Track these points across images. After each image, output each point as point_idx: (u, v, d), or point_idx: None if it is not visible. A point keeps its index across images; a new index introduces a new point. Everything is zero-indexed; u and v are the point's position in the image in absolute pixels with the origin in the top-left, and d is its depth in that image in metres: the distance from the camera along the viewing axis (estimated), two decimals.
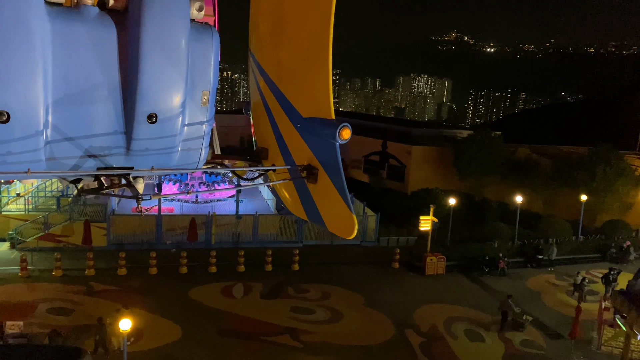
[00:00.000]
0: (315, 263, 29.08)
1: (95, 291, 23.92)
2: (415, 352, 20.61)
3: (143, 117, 5.25)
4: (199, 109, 5.73)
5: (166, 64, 5.17)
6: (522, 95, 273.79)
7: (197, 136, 5.89)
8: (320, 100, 5.47)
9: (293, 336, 21.15)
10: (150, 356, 18.96)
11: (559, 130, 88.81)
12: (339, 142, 5.23)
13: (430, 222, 29.32)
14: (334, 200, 6.02)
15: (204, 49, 5.57)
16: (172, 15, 5.15)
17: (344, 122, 5.10)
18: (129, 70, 5.06)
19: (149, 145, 5.44)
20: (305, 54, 5.73)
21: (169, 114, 5.41)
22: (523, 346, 21.68)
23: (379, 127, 53.87)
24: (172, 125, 5.49)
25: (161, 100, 5.27)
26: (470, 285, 27.74)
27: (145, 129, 5.32)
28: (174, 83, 5.29)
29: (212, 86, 5.79)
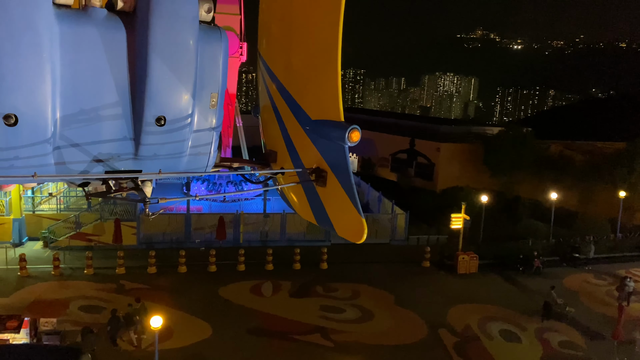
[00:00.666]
0: (343, 262, 28.70)
1: (126, 289, 24.02)
2: (449, 352, 20.03)
3: (151, 119, 5.17)
4: (208, 112, 5.64)
5: (175, 65, 5.09)
6: (551, 93, 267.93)
7: (205, 139, 5.80)
8: (330, 102, 5.31)
9: (324, 335, 20.82)
10: (181, 354, 18.87)
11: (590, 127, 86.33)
12: (348, 144, 5.08)
13: (462, 219, 28.62)
14: (343, 203, 5.83)
15: (212, 51, 5.49)
16: (181, 17, 5.05)
17: (353, 125, 4.94)
18: (138, 73, 4.98)
19: (157, 149, 5.35)
20: (315, 56, 5.59)
21: (178, 116, 5.31)
22: (562, 347, 20.88)
23: (406, 125, 53.25)
24: (180, 128, 5.39)
25: (170, 103, 5.19)
26: (504, 285, 26.95)
27: (154, 132, 5.22)
28: (183, 85, 5.21)
29: (221, 89, 5.70)
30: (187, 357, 18.73)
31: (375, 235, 32.17)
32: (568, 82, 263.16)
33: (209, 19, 5.49)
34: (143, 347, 19.07)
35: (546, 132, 61.32)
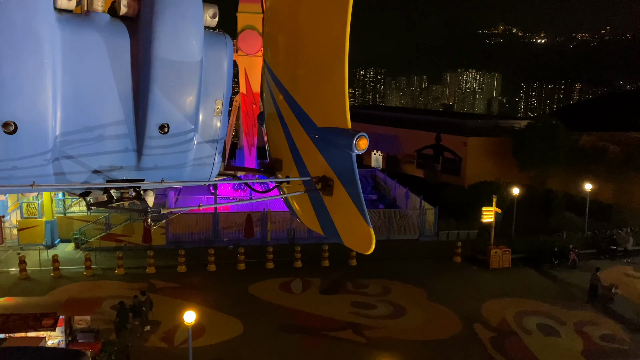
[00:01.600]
0: (372, 258, 28.09)
1: (157, 288, 24.13)
2: (486, 347, 19.52)
3: (155, 127, 5.01)
4: (213, 119, 5.48)
5: (179, 72, 4.94)
6: (577, 86, 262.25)
7: (209, 147, 5.66)
8: (336, 109, 5.11)
9: (356, 331, 20.52)
10: (215, 351, 18.81)
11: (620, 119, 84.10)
12: (355, 152, 4.88)
13: (494, 213, 27.98)
14: (351, 213, 5.59)
15: (217, 57, 5.33)
16: (185, 22, 4.89)
17: (361, 132, 4.74)
18: (141, 79, 4.84)
19: (160, 159, 5.21)
20: (321, 64, 5.40)
21: (182, 124, 5.15)
22: (603, 341, 20.16)
23: (431, 121, 52.59)
24: (184, 136, 5.23)
25: (173, 110, 5.03)
26: (539, 278, 26.24)
27: (157, 142, 5.07)
28: (187, 92, 5.06)
29: (225, 95, 5.53)
30: (220, 353, 18.66)
31: (404, 231, 31.76)
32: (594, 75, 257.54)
33: (214, 24, 5.36)
34: (175, 345, 19.07)
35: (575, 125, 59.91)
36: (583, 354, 19.23)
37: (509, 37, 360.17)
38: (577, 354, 19.19)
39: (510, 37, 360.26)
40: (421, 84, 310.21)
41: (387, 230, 31.48)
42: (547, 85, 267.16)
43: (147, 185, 5.43)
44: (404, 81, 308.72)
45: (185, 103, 5.11)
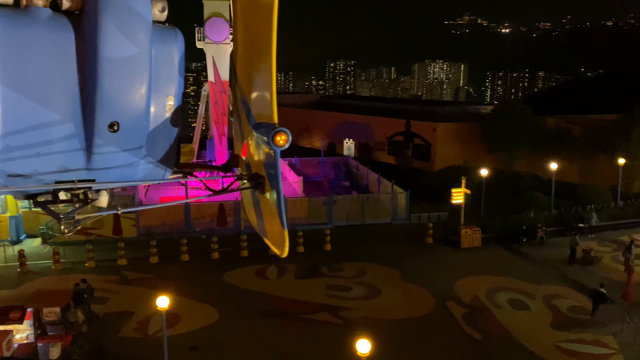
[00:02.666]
0: (347, 243, 28.51)
1: (130, 280, 23.75)
2: (459, 323, 19.92)
3: (104, 126, 4.80)
4: (165, 116, 5.30)
5: (126, 68, 4.75)
6: (541, 74, 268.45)
7: (162, 144, 5.46)
8: (266, 103, 5.00)
9: (332, 313, 20.65)
10: (190, 338, 18.65)
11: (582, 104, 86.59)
12: (274, 147, 4.58)
13: (463, 194, 28.47)
14: (274, 212, 5.57)
15: (167, 52, 5.16)
16: (132, 17, 4.68)
17: (280, 127, 4.49)
18: (88, 76, 4.62)
19: (110, 158, 5.02)
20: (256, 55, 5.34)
21: (132, 121, 4.94)
22: (571, 312, 20.83)
23: (401, 109, 53.05)
24: (135, 133, 5.03)
25: (122, 107, 4.83)
26: (508, 256, 26.88)
27: (107, 140, 4.86)
28: (136, 88, 4.87)
29: (177, 91, 5.35)
30: (196, 340, 18.51)
31: (378, 215, 32.04)
32: (557, 63, 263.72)
33: (163, 18, 5.20)
34: (150, 334, 18.83)
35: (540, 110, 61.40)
36: (552, 325, 19.81)
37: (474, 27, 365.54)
38: (546, 326, 19.76)
39: (475, 27, 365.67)
40: (390, 76, 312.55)
41: (360, 215, 31.70)
42: (512, 74, 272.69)
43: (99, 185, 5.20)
44: (374, 73, 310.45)
45: (135, 100, 4.91)
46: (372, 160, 45.95)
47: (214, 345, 18.26)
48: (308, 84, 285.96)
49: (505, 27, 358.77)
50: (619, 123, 35.90)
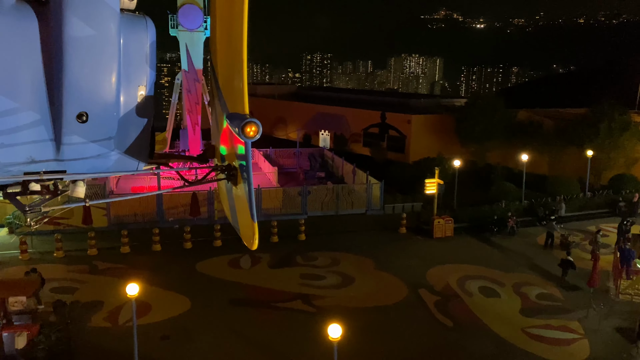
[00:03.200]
0: (321, 233, 28.56)
1: (100, 269, 23.35)
2: (431, 310, 20.19)
3: (72, 116, 4.70)
4: (136, 106, 5.22)
5: (94, 57, 4.65)
6: (514, 70, 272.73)
7: (134, 135, 5.36)
8: (238, 93, 4.95)
9: (305, 301, 20.69)
10: (161, 327, 18.46)
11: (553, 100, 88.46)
12: (244, 138, 4.58)
13: (436, 184, 28.75)
14: (244, 203, 5.55)
15: (137, 41, 5.06)
16: (99, 4, 4.57)
17: (250, 118, 4.47)
18: (54, 66, 4.51)
19: (81, 149, 4.93)
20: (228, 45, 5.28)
21: (101, 112, 4.85)
22: (540, 299, 21.30)
23: (376, 101, 53.24)
24: (105, 124, 4.94)
25: (91, 98, 4.74)
26: (480, 245, 27.32)
27: (76, 130, 4.78)
28: (105, 78, 4.78)
29: (149, 81, 5.29)
30: (167, 330, 18.33)
31: (352, 206, 32.16)
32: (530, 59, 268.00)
33: (133, 6, 5.08)
34: (120, 323, 18.57)
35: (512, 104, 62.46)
36: (521, 312, 20.23)
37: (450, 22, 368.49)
38: (515, 312, 20.17)
39: (451, 22, 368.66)
40: (367, 69, 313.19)
41: (335, 206, 31.78)
42: (487, 69, 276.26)
43: (70, 176, 5.12)
44: (350, 66, 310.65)
45: (104, 90, 4.82)
46: (348, 152, 46.05)
47: (185, 334, 18.11)
48: (285, 76, 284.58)
49: (480, 23, 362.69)
50: (588, 116, 36.72)
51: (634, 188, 33.62)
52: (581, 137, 35.43)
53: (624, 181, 34.24)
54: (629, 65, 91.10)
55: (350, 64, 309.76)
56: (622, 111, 36.14)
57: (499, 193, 32.27)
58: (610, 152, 35.38)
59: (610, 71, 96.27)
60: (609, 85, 79.15)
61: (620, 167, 35.88)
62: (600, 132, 34.80)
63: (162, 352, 16.94)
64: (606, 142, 34.94)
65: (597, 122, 35.31)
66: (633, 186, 33.89)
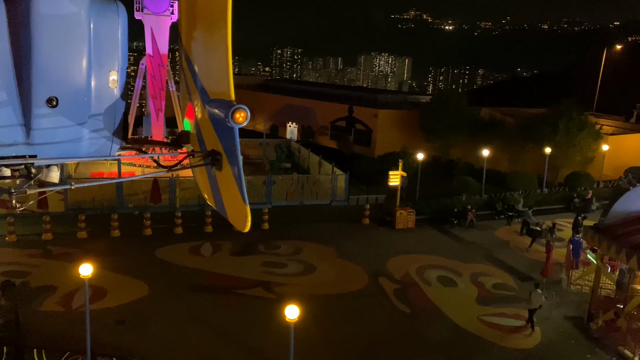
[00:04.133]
0: (285, 222, 28.51)
1: (54, 254, 22.67)
2: (389, 297, 20.44)
3: (41, 101, 4.63)
4: (107, 91, 5.19)
5: (64, 41, 4.60)
6: (480, 72, 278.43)
7: (106, 120, 5.31)
8: (222, 79, 4.96)
9: (266, 288, 20.61)
10: (117, 312, 18.06)
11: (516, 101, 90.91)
12: (232, 124, 4.64)
13: (400, 177, 29.10)
14: (234, 189, 5.57)
15: (108, 26, 5.01)
16: None
17: (239, 104, 4.52)
18: (22, 49, 4.42)
19: (51, 134, 4.86)
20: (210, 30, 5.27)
21: (72, 97, 4.81)
22: (495, 289, 21.82)
23: (345, 95, 53.40)
24: (75, 109, 4.89)
25: (61, 82, 4.69)
26: (440, 237, 27.80)
27: (46, 115, 4.72)
28: (75, 62, 4.75)
29: (120, 66, 5.25)
30: (123, 315, 17.94)
31: (317, 196, 32.21)
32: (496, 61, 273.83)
33: None
34: (73, 308, 18.09)
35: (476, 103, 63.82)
36: (477, 300, 20.70)
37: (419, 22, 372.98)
38: (472, 301, 20.62)
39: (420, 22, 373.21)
40: (337, 66, 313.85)
41: (300, 196, 31.75)
42: (454, 70, 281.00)
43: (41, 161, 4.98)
44: (320, 62, 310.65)
45: (74, 74, 4.77)
46: (315, 144, 46.11)
47: (142, 319, 17.79)
48: (254, 69, 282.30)
49: (448, 24, 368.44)
50: (548, 115, 37.81)
51: (588, 185, 34.85)
52: (541, 135, 36.45)
53: (579, 178, 35.42)
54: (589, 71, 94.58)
55: (321, 60, 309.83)
56: (580, 111, 37.36)
57: (460, 186, 32.91)
58: (568, 151, 36.54)
59: (571, 76, 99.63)
60: (569, 88, 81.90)
61: (576, 165, 37.11)
62: (559, 130, 35.88)
63: (117, 337, 16.57)
64: (564, 141, 36.06)
65: (556, 120, 36.39)
66: (588, 183, 35.12)
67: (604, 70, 59.85)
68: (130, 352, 15.74)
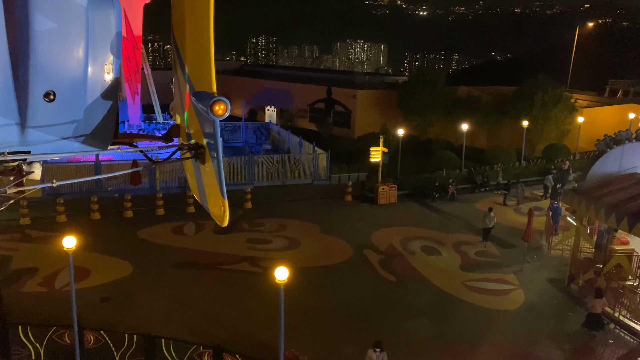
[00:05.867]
0: (268, 201, 28.42)
1: (33, 238, 22.24)
2: (375, 267, 20.62)
3: (39, 95, 4.55)
4: (103, 84, 5.11)
5: (61, 34, 4.54)
6: (455, 57, 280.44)
7: (101, 113, 5.22)
8: (205, 71, 4.95)
9: (251, 263, 20.60)
10: (101, 290, 17.84)
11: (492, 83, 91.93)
12: (212, 117, 4.58)
13: (381, 153, 29.21)
14: (214, 182, 5.58)
15: (104, 18, 4.94)
16: None
17: (219, 96, 4.48)
18: (19, 43, 4.34)
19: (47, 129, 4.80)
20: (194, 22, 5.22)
21: (69, 91, 4.74)
22: (478, 256, 22.18)
23: (323, 77, 53.25)
24: (72, 102, 4.82)
25: (58, 74, 4.63)
26: (422, 210, 28.07)
27: (43, 109, 4.63)
28: (72, 57, 4.69)
29: (116, 59, 5.19)
30: (107, 293, 17.73)
31: (298, 176, 32.16)
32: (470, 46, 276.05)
33: None
34: (57, 288, 17.80)
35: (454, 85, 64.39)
36: (461, 267, 21.03)
37: (393, 8, 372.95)
38: (456, 268, 20.94)
39: (394, 8, 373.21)
40: (312, 54, 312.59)
41: (281, 176, 31.67)
42: (429, 56, 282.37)
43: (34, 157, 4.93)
44: (296, 50, 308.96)
45: (72, 67, 4.69)
46: (294, 127, 45.93)
47: (126, 297, 17.63)
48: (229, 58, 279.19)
49: (422, 10, 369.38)
50: (524, 89, 38.31)
51: (565, 157, 35.53)
52: (517, 110, 36.94)
53: (556, 150, 36.07)
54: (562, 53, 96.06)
55: (296, 48, 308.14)
56: (555, 85, 37.95)
57: (440, 161, 33.25)
58: (544, 124, 37.14)
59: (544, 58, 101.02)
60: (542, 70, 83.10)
61: (552, 139, 37.79)
62: (535, 104, 36.41)
63: (102, 314, 16.36)
64: (540, 114, 36.62)
65: (532, 95, 36.90)
66: (564, 155, 35.80)
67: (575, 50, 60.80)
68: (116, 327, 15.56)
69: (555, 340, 16.08)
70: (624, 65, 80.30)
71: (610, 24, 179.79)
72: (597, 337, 16.25)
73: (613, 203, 17.45)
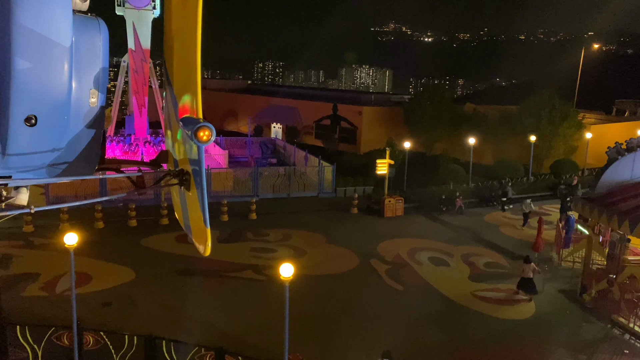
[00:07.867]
0: (273, 213, 28.15)
1: (36, 245, 22.03)
2: (381, 276, 20.20)
3: (20, 119, 4.38)
4: (88, 110, 4.98)
5: (44, 59, 4.41)
6: (460, 82, 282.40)
7: (85, 140, 5.08)
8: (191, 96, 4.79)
9: (256, 271, 20.25)
10: (103, 295, 17.51)
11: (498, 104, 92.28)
12: (197, 143, 4.46)
13: (387, 165, 29.01)
14: (197, 209, 5.41)
15: (90, 43, 4.85)
16: (49, 6, 4.31)
17: (204, 122, 4.37)
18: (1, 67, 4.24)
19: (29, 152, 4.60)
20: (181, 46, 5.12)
21: (52, 115, 4.58)
22: (487, 267, 21.73)
23: (329, 95, 53.48)
24: (55, 127, 4.66)
25: (41, 98, 4.47)
26: (429, 223, 27.68)
27: (24, 133, 4.46)
28: (55, 81, 4.54)
29: (102, 84, 5.06)
30: (109, 297, 17.38)
31: (304, 188, 31.95)
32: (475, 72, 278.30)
33: (85, 7, 4.84)
34: (57, 293, 17.50)
35: None
36: (470, 278, 20.56)
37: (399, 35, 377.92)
38: (464, 278, 20.47)
39: (400, 35, 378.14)
40: (318, 78, 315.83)
41: (287, 188, 31.46)
42: (434, 81, 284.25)
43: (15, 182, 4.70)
44: (302, 75, 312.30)
45: (55, 91, 4.53)
46: (300, 144, 45.92)
47: (128, 301, 17.29)
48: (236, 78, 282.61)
49: (427, 36, 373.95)
50: (531, 105, 38.16)
51: (573, 172, 35.14)
52: (524, 126, 36.75)
53: (564, 165, 35.71)
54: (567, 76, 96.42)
55: (302, 73, 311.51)
56: (562, 101, 37.83)
57: (447, 173, 32.97)
58: (552, 140, 36.87)
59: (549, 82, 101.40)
60: None
61: (560, 155, 37.45)
62: (542, 119, 36.22)
63: (103, 317, 16.01)
64: (548, 130, 36.39)
65: (539, 111, 36.75)
66: (572, 170, 35.41)
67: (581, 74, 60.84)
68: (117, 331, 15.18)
69: (569, 349, 15.54)
70: (629, 88, 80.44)
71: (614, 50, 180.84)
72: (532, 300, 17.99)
73: (626, 210, 17.08)
